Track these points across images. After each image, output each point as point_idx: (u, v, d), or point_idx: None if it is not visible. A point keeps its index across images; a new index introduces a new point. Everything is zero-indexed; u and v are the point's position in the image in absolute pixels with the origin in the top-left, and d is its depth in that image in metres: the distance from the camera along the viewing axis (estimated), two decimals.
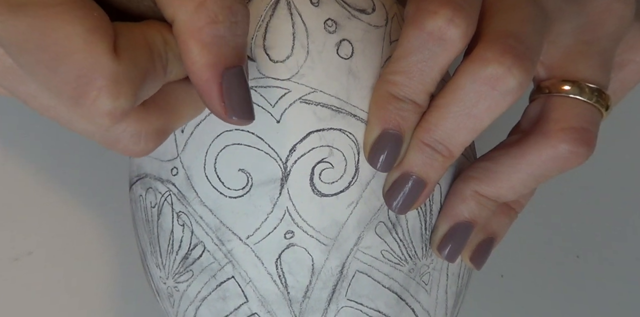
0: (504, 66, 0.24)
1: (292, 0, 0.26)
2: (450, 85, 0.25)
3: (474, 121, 0.25)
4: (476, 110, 0.25)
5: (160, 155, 0.27)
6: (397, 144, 0.26)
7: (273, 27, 0.26)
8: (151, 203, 0.28)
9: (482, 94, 0.25)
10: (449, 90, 0.25)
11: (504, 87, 0.24)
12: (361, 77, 0.26)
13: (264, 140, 0.26)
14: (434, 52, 0.25)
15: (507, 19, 0.25)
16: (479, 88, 0.25)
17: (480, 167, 0.27)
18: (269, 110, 0.26)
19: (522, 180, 0.27)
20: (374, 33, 0.27)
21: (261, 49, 0.26)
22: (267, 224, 0.26)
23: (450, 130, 0.25)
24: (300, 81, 0.26)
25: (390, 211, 0.26)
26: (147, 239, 0.28)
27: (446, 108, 0.25)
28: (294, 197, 0.26)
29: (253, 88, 0.26)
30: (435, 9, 0.24)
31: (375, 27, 0.27)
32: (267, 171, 0.26)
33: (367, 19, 0.27)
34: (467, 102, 0.25)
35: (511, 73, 0.24)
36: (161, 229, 0.28)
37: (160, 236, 0.28)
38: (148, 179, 0.28)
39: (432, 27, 0.24)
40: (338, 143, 0.26)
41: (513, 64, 0.24)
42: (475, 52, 0.25)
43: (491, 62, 0.24)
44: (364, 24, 0.27)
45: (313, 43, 0.26)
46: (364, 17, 0.27)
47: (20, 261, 0.37)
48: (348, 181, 0.26)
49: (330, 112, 0.26)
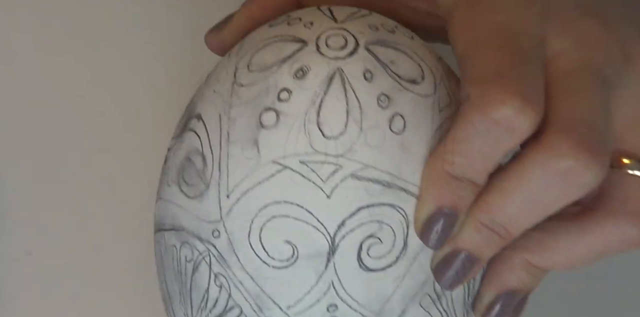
0: (580, 162, 0.23)
1: (346, 76, 0.25)
2: (518, 170, 0.25)
3: (540, 208, 0.25)
4: (545, 199, 0.24)
5: (202, 214, 0.26)
6: (451, 222, 0.25)
7: (327, 103, 0.25)
8: (186, 257, 0.27)
9: (554, 185, 0.24)
10: (516, 176, 0.25)
11: (580, 182, 0.24)
12: (413, 150, 0.26)
13: (313, 214, 0.25)
14: (499, 139, 0.24)
15: (576, 104, 0.25)
16: (551, 179, 0.24)
17: (534, 238, 0.27)
18: (319, 186, 0.25)
19: (581, 256, 0.26)
20: (424, 103, 0.26)
21: (314, 125, 0.25)
22: (310, 296, 0.26)
23: (513, 215, 0.25)
24: (352, 157, 0.25)
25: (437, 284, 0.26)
26: (176, 288, 0.28)
27: (511, 193, 0.25)
28: (340, 271, 0.25)
29: (305, 163, 0.25)
30: (503, 98, 0.23)
31: (425, 97, 0.26)
32: (315, 244, 0.25)
33: (418, 90, 0.26)
34: (536, 191, 0.24)
35: (588, 168, 0.24)
36: (195, 285, 0.27)
37: (193, 290, 0.27)
38: (185, 234, 0.27)
39: (500, 116, 0.24)
40: (388, 218, 0.25)
41: (589, 158, 0.23)
42: (547, 141, 0.24)
43: (566, 156, 0.24)
44: (415, 96, 0.26)
45: (366, 119, 0.25)
46: (415, 88, 0.26)
47: (20, 261, 0.37)
48: (396, 256, 0.26)
49: (381, 188, 0.25)
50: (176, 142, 0.28)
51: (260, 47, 0.27)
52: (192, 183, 0.27)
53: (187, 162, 0.27)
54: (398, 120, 0.25)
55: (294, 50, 0.26)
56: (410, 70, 0.26)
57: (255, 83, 0.26)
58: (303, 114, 0.25)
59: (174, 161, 0.28)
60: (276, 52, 0.26)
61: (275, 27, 0.27)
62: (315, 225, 0.25)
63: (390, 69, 0.26)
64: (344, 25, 0.26)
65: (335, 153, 0.25)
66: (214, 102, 0.27)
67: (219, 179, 0.26)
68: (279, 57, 0.26)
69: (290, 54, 0.26)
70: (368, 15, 0.27)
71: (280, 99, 0.25)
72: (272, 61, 0.26)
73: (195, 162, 0.27)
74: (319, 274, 0.25)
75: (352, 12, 0.27)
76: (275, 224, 0.25)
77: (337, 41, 0.26)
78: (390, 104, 0.25)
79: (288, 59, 0.26)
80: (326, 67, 0.25)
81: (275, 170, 0.25)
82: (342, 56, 0.25)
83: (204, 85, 0.28)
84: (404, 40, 0.27)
